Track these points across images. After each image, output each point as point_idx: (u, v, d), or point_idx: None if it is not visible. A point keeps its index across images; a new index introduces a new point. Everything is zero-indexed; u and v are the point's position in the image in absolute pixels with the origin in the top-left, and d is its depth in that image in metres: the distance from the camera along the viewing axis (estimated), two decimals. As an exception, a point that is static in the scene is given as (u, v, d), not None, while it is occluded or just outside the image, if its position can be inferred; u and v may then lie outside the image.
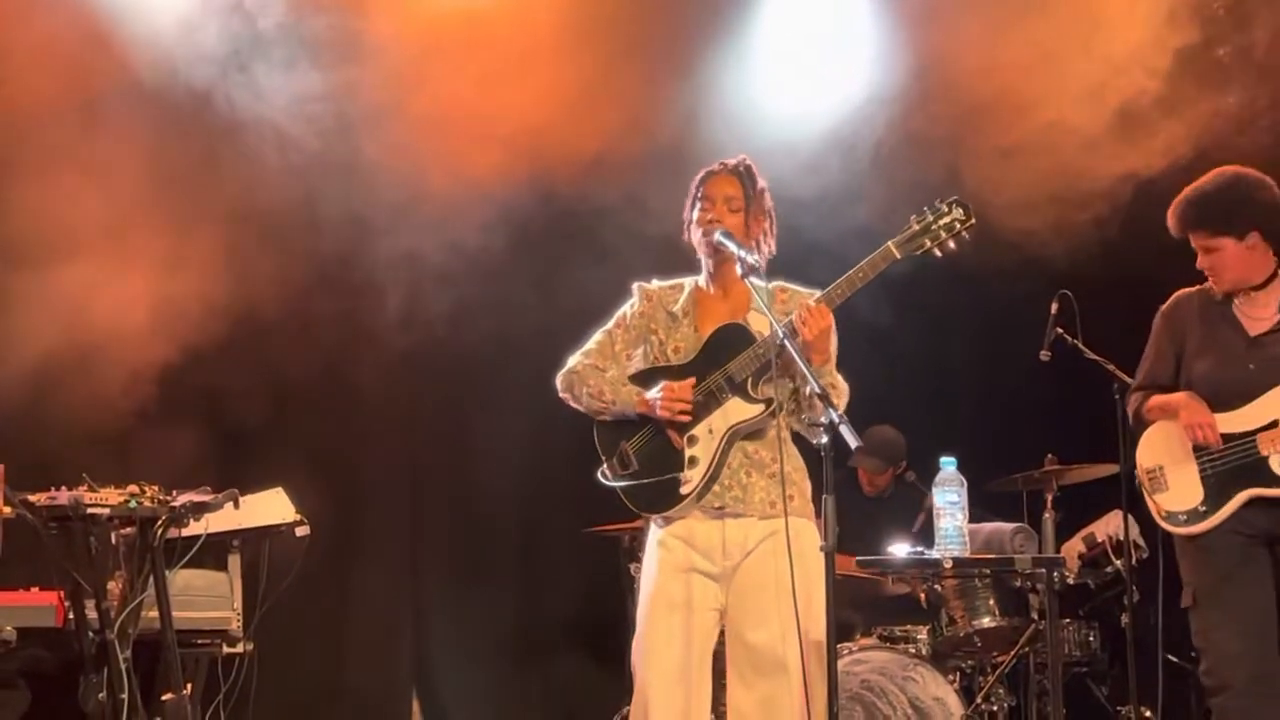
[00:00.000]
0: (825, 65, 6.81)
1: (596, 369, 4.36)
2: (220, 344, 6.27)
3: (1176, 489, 4.80)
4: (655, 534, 4.32)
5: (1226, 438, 4.70)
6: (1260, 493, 4.64)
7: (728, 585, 4.24)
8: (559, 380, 4.42)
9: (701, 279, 4.46)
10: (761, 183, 4.41)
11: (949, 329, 7.34)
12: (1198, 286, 4.96)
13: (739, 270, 4.22)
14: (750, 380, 4.22)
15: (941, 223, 4.16)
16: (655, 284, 4.46)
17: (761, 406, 4.21)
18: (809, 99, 6.78)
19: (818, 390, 3.92)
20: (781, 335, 4.08)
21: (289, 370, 6.60)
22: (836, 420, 3.86)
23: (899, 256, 4.16)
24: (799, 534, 4.18)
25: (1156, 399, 4.91)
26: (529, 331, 6.62)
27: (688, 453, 4.22)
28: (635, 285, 4.48)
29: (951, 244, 4.18)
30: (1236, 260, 4.76)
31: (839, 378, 4.30)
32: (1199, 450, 4.75)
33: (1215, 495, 4.71)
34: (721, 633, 4.28)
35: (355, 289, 6.60)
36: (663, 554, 4.27)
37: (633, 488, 4.27)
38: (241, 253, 6.23)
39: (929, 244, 4.17)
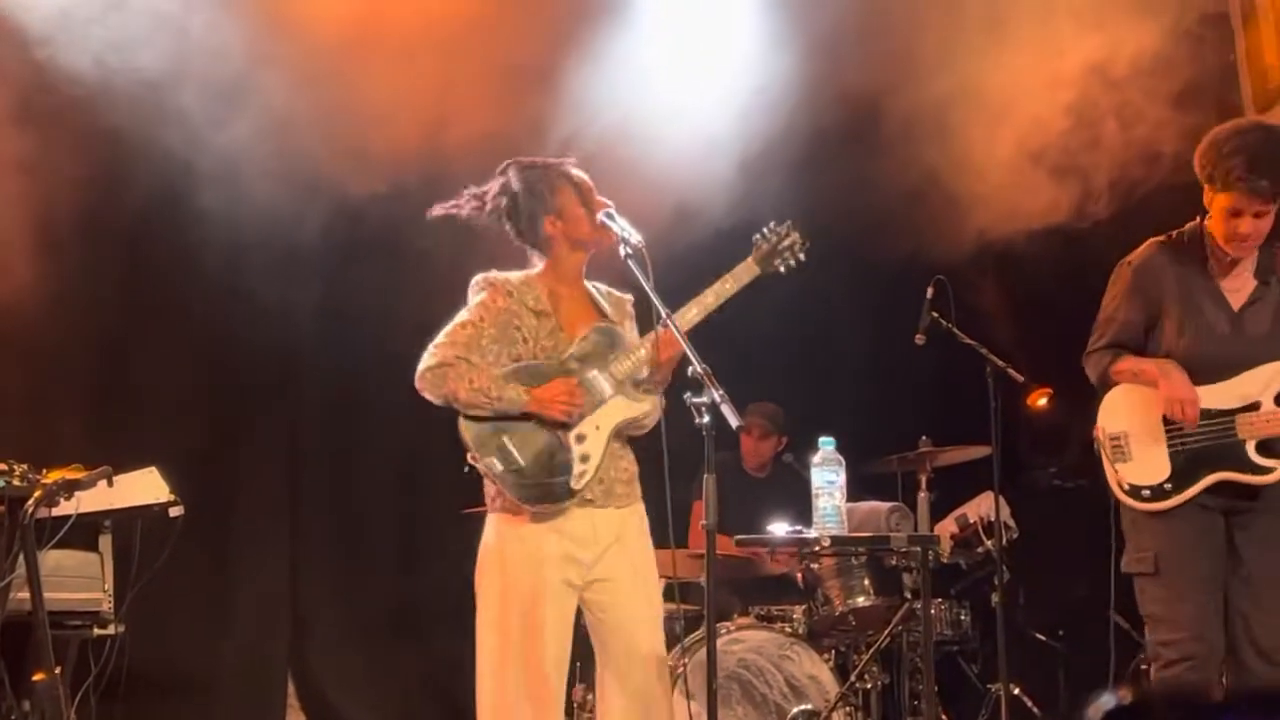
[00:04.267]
0: (717, 65, 6.77)
1: (469, 363, 4.28)
2: (92, 321, 6.15)
3: (1141, 461, 4.50)
4: (518, 523, 4.28)
5: (1203, 414, 4.43)
6: (1230, 477, 4.40)
7: (589, 573, 4.30)
8: (424, 375, 4.29)
9: (542, 270, 4.46)
10: None
11: (827, 313, 7.42)
12: (1164, 239, 4.64)
13: (622, 251, 4.26)
14: (630, 380, 4.33)
15: (783, 245, 4.41)
16: (500, 275, 4.42)
17: (649, 405, 4.34)
18: (698, 99, 6.73)
19: (700, 369, 3.97)
20: (664, 315, 4.14)
21: (164, 349, 6.51)
22: (718, 400, 3.91)
23: (759, 272, 4.40)
24: (643, 518, 4.39)
25: (1130, 362, 4.59)
26: (409, 314, 6.56)
27: (577, 450, 4.28)
28: (483, 278, 4.42)
29: (793, 263, 4.43)
30: (1268, 228, 4.47)
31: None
32: (1169, 423, 4.47)
33: (1183, 474, 4.44)
34: (580, 619, 4.36)
35: (233, 269, 6.51)
36: (530, 546, 4.26)
37: (523, 485, 4.25)
38: (113, 228, 6.13)
39: (778, 264, 4.42)
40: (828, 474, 4.96)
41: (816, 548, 5.25)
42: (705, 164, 6.38)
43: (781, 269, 4.41)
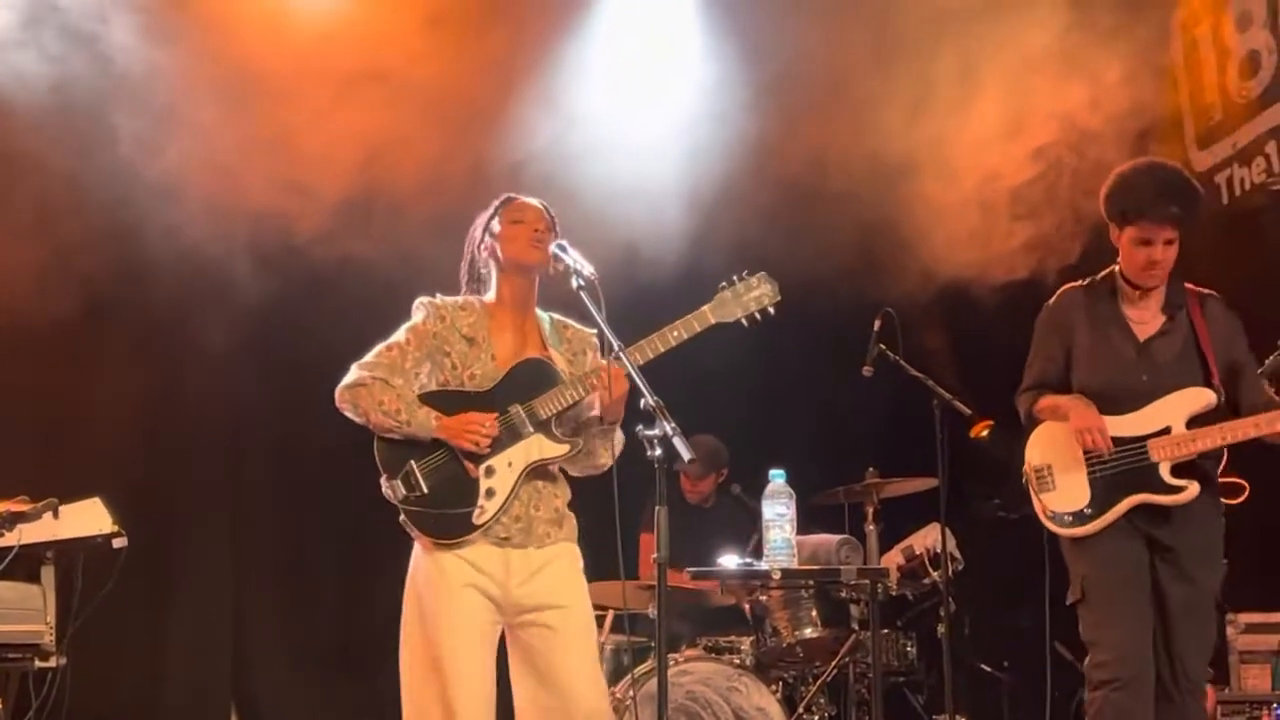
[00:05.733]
0: (669, 102, 6.78)
1: (387, 384, 4.19)
2: (35, 352, 6.11)
3: (1064, 489, 4.74)
4: (433, 556, 4.20)
5: (1118, 441, 4.63)
6: (1147, 499, 4.60)
7: (509, 607, 4.18)
8: (342, 393, 4.22)
9: (490, 298, 4.39)
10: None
11: (777, 345, 7.45)
12: (1081, 282, 4.89)
13: (574, 284, 4.20)
14: (555, 419, 4.22)
15: (751, 295, 4.25)
16: (441, 299, 4.36)
17: (568, 446, 4.23)
18: (648, 135, 6.72)
19: (653, 402, 3.95)
20: (617, 348, 4.10)
21: (109, 380, 6.46)
22: (670, 432, 3.90)
23: (713, 321, 4.24)
24: (576, 558, 4.26)
25: (1047, 400, 4.82)
26: (354, 341, 6.54)
27: (484, 484, 4.17)
28: (422, 301, 4.35)
29: (758, 316, 4.27)
30: (1175, 256, 4.66)
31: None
32: (1089, 453, 4.67)
33: (1102, 499, 4.65)
34: (503, 641, 4.25)
35: (177, 303, 6.48)
36: (448, 577, 4.15)
37: (423, 514, 4.17)
38: (57, 258, 6.08)
39: (739, 314, 4.26)
40: (778, 507, 4.97)
41: (768, 580, 5.26)
42: (655, 200, 6.40)
43: (743, 320, 4.24)
